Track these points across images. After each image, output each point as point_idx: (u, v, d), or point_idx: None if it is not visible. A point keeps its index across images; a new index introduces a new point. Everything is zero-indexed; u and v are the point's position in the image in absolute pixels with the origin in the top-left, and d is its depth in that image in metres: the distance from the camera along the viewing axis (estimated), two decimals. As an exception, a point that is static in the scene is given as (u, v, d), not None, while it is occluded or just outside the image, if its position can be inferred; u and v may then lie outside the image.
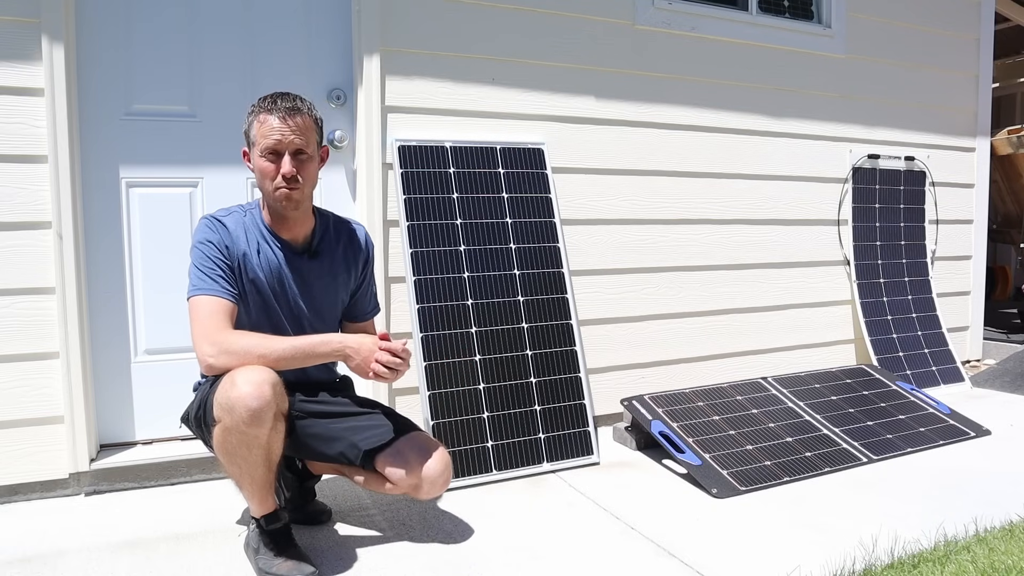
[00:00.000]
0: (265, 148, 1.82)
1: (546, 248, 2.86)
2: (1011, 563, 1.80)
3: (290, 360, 1.76)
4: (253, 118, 1.85)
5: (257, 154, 1.84)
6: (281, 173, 1.81)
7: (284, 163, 1.81)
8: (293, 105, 1.83)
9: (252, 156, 1.88)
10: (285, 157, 1.82)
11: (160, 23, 2.51)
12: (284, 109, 1.82)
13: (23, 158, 2.27)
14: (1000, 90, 6.27)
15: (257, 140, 1.83)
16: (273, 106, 1.82)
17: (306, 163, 1.86)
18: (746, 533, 2.09)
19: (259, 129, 1.83)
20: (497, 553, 1.96)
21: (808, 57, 3.60)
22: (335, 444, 1.92)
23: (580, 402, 2.76)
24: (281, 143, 1.81)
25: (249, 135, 1.87)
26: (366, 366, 1.78)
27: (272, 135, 1.81)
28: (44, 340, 2.32)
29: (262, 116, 1.83)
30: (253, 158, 1.87)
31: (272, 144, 1.81)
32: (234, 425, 1.67)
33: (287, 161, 1.82)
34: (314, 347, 1.78)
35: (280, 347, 1.75)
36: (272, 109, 1.82)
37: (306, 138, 1.84)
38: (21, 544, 2.02)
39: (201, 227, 1.87)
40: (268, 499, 1.81)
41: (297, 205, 1.86)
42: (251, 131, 1.86)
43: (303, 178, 1.85)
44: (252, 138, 1.86)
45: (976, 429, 3.00)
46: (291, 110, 1.82)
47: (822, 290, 3.74)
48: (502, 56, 2.91)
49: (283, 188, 1.83)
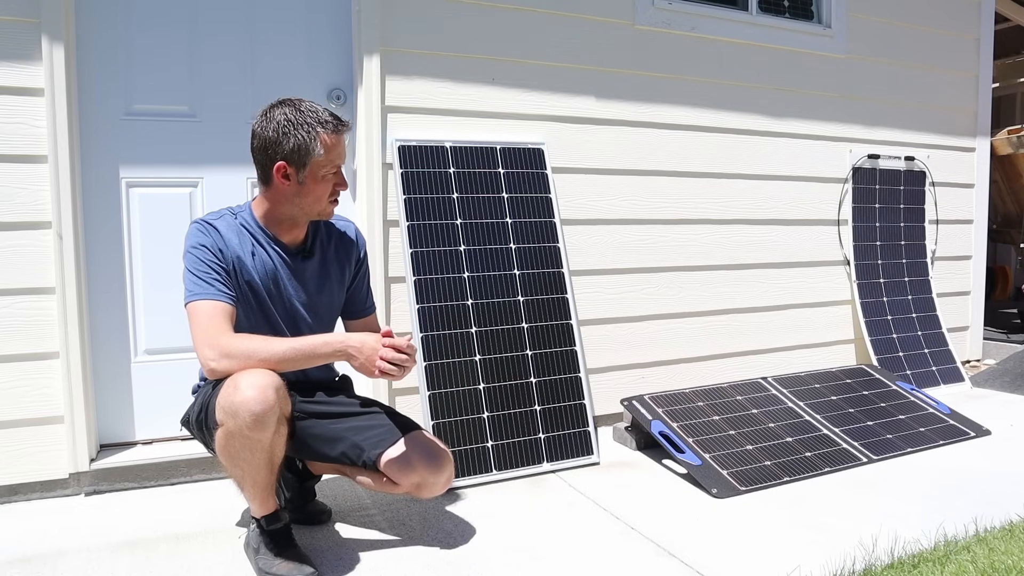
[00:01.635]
0: (332, 168, 1.85)
1: (546, 248, 2.86)
2: (1011, 563, 1.80)
3: (292, 362, 1.75)
4: (314, 136, 1.80)
5: (318, 173, 1.83)
6: (341, 191, 1.89)
7: (344, 180, 1.88)
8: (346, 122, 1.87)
9: (304, 175, 1.82)
10: (341, 172, 1.88)
11: (160, 23, 2.51)
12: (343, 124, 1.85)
13: (23, 158, 2.27)
14: (1000, 90, 6.27)
15: (323, 161, 1.82)
16: (339, 125, 1.84)
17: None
18: (746, 533, 2.09)
19: (326, 152, 1.81)
20: (497, 553, 1.97)
21: (808, 57, 3.60)
22: (337, 445, 1.92)
23: (580, 402, 2.76)
24: (343, 163, 1.88)
25: (309, 154, 1.80)
26: (370, 365, 1.76)
27: (340, 158, 1.86)
28: (44, 340, 2.32)
29: (329, 137, 1.81)
30: (306, 176, 1.83)
31: (339, 166, 1.86)
32: (237, 429, 1.67)
33: (342, 176, 1.89)
34: (315, 348, 1.77)
35: (281, 349, 1.74)
36: (338, 129, 1.83)
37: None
38: (21, 544, 2.02)
39: (192, 231, 1.86)
40: (269, 500, 1.81)
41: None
42: (312, 149, 1.80)
43: None
44: (313, 157, 1.80)
45: (976, 429, 3.00)
46: (346, 124, 1.86)
47: (822, 290, 3.74)
48: (502, 56, 2.91)
49: (334, 204, 1.91)
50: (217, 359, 1.72)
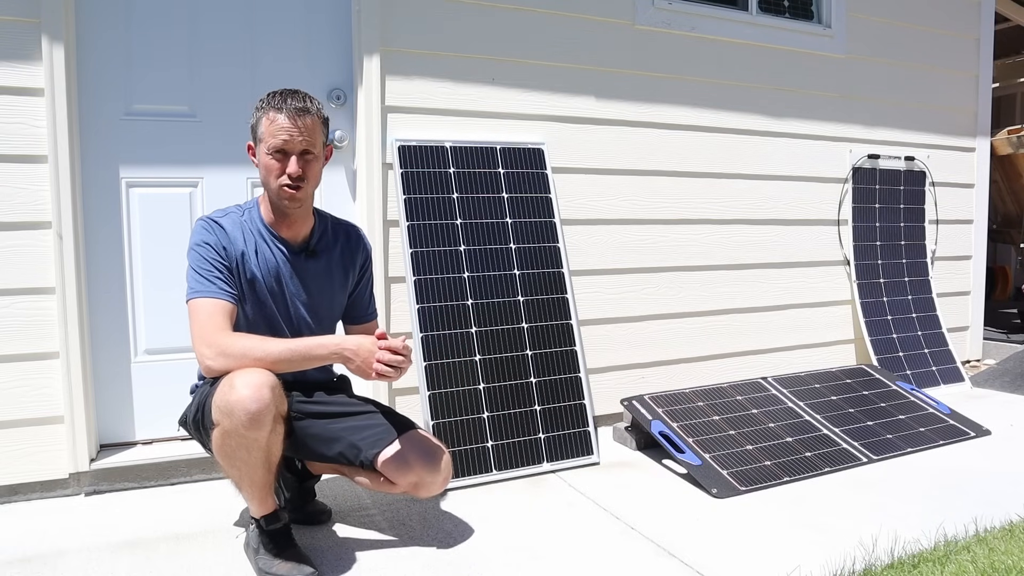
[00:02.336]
0: (272, 147, 1.82)
1: (546, 248, 2.86)
2: (1011, 563, 1.80)
3: (288, 363, 1.75)
4: (262, 114, 1.84)
5: (264, 151, 1.84)
6: (287, 173, 1.82)
7: (291, 163, 1.82)
8: (303, 105, 1.83)
9: (258, 152, 1.87)
10: (292, 157, 1.82)
11: (160, 23, 2.51)
12: (294, 109, 1.81)
13: (23, 158, 2.27)
14: (1000, 90, 6.27)
15: (265, 138, 1.83)
16: (283, 104, 1.82)
17: (311, 163, 1.87)
18: (746, 533, 2.09)
19: (268, 127, 1.82)
20: (497, 553, 1.96)
21: (808, 57, 3.60)
22: (334, 444, 1.92)
23: (580, 402, 2.76)
24: (289, 143, 1.82)
25: (256, 131, 1.86)
26: (367, 367, 1.76)
27: (280, 135, 1.81)
28: (44, 340, 2.32)
29: (271, 114, 1.82)
30: (259, 154, 1.86)
31: (280, 144, 1.81)
32: (233, 428, 1.67)
33: (293, 161, 1.82)
34: (311, 349, 1.77)
35: (278, 350, 1.74)
36: (282, 107, 1.81)
37: (313, 139, 1.85)
38: (21, 544, 2.02)
39: (198, 229, 1.87)
40: (268, 500, 1.81)
41: (300, 204, 1.88)
42: (259, 127, 1.85)
43: (307, 178, 1.86)
44: (259, 134, 1.85)
45: (976, 429, 3.00)
46: (300, 110, 1.82)
47: (822, 290, 3.74)
48: (502, 56, 2.91)
49: (288, 187, 1.83)
50: (214, 357, 1.73)
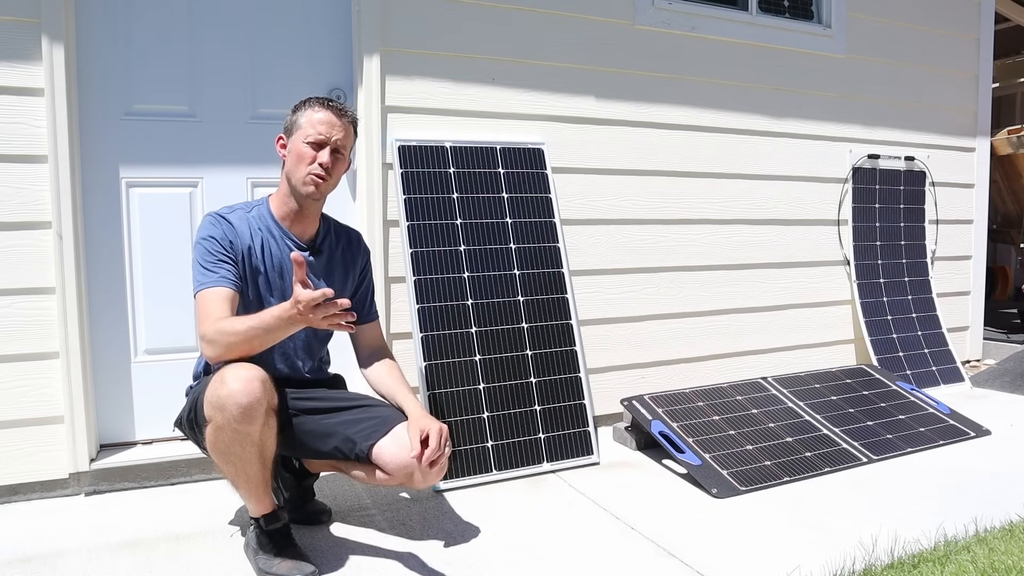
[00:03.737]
0: (310, 136, 1.91)
1: (546, 248, 2.86)
2: (1011, 563, 1.80)
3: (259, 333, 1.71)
4: (306, 108, 1.95)
5: (300, 139, 1.92)
6: (319, 162, 1.90)
7: (323, 154, 1.91)
8: (344, 108, 1.97)
9: (292, 141, 1.94)
10: (325, 149, 1.91)
11: (160, 23, 2.51)
12: (336, 108, 1.95)
13: (23, 158, 2.27)
14: (1000, 90, 6.27)
15: (304, 127, 1.92)
16: (329, 102, 1.95)
17: (339, 162, 1.95)
18: (746, 533, 2.09)
19: (310, 118, 1.92)
20: (497, 553, 1.96)
21: (808, 57, 3.60)
22: (330, 439, 1.92)
23: (580, 402, 2.76)
24: (326, 135, 1.91)
25: (296, 122, 1.94)
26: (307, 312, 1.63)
27: (320, 127, 1.91)
28: (44, 340, 2.32)
29: (315, 107, 1.94)
30: (293, 142, 1.94)
31: (318, 135, 1.91)
32: (226, 423, 1.68)
33: (326, 152, 1.91)
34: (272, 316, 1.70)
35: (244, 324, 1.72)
36: (327, 105, 1.94)
37: (346, 140, 1.96)
38: (21, 544, 2.02)
39: (205, 223, 1.91)
40: (265, 498, 1.82)
41: (319, 197, 1.95)
42: (299, 118, 1.94)
43: (332, 173, 1.94)
44: (299, 124, 1.93)
45: (976, 429, 3.00)
46: (342, 111, 1.96)
47: (822, 290, 3.74)
48: (502, 56, 2.91)
49: (314, 176, 1.91)
50: (205, 346, 1.78)
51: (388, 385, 2.05)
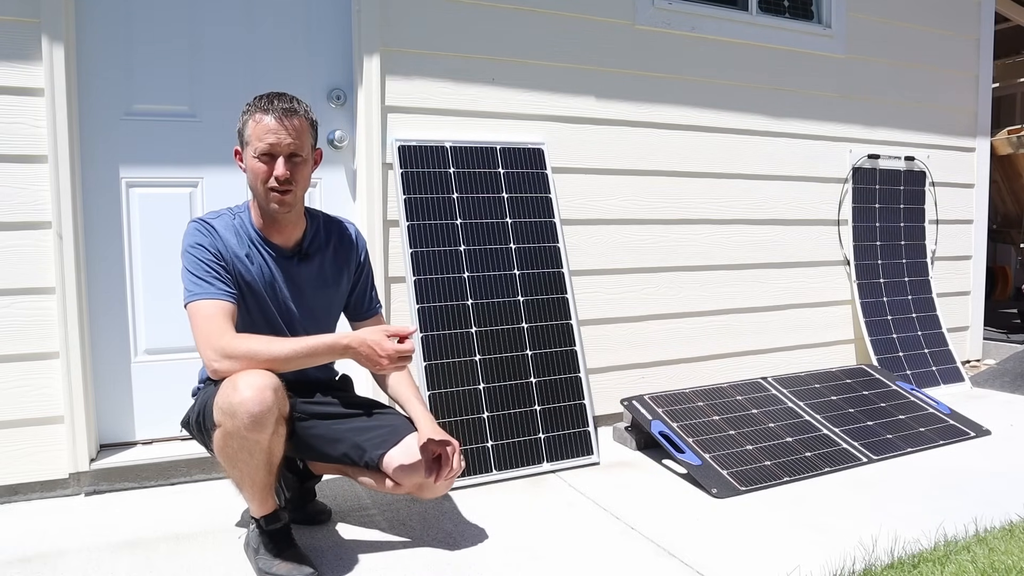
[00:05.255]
0: (259, 150, 1.79)
1: (546, 248, 2.86)
2: (1011, 563, 1.80)
3: (294, 361, 1.74)
4: (248, 117, 1.82)
5: (251, 154, 1.81)
6: (274, 175, 1.79)
7: (278, 166, 1.79)
8: (290, 107, 1.81)
9: (245, 156, 1.85)
10: (279, 160, 1.80)
11: (160, 23, 2.51)
12: (281, 110, 1.79)
13: (23, 158, 2.27)
14: (1000, 90, 6.27)
15: (251, 140, 1.81)
16: (270, 106, 1.80)
17: (299, 166, 1.84)
18: (746, 533, 2.09)
19: (254, 130, 1.80)
20: (497, 553, 1.97)
21: (808, 57, 3.60)
22: (338, 445, 1.92)
23: (580, 402, 2.76)
24: (276, 146, 1.79)
25: (243, 134, 1.84)
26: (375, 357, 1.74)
27: (267, 137, 1.78)
28: (44, 340, 2.32)
29: (257, 116, 1.80)
30: (246, 158, 1.84)
31: (267, 147, 1.79)
32: (235, 430, 1.66)
33: (281, 164, 1.79)
34: (316, 347, 1.75)
35: (283, 350, 1.72)
36: (268, 109, 1.79)
37: (301, 141, 1.82)
38: (21, 544, 2.02)
39: (191, 231, 1.85)
40: (268, 500, 1.81)
41: (289, 208, 1.85)
42: (245, 130, 1.83)
43: (296, 181, 1.82)
44: (246, 137, 1.82)
45: (976, 429, 3.00)
46: (288, 111, 1.80)
47: (822, 290, 3.74)
48: (502, 56, 2.91)
49: (275, 191, 1.81)
50: (219, 360, 1.71)
51: (398, 391, 2.02)
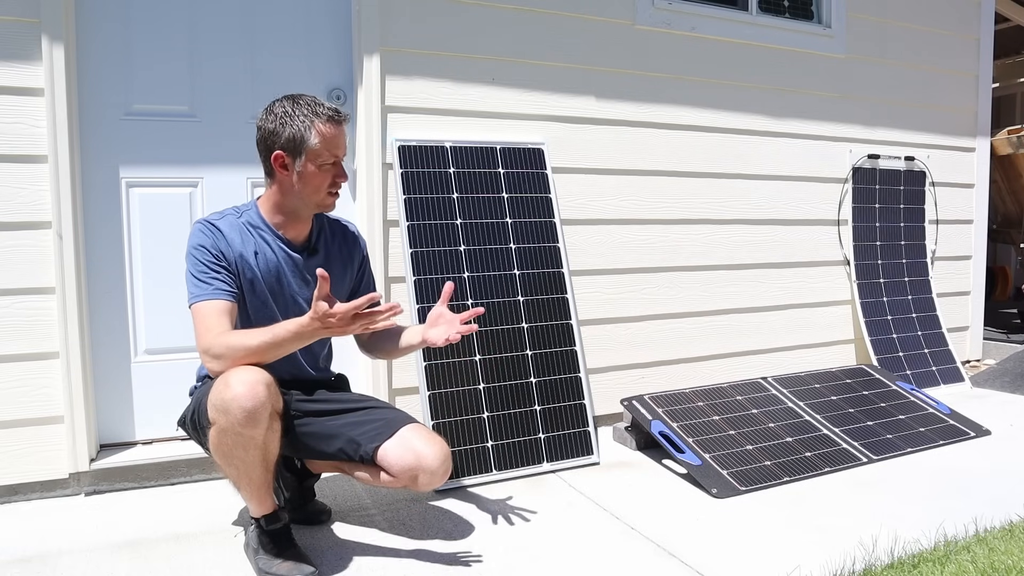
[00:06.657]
0: (328, 161, 1.85)
1: (546, 248, 2.86)
2: (1011, 563, 1.80)
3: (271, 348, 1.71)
4: (309, 125, 1.82)
5: (314, 163, 1.84)
6: (337, 180, 1.88)
7: (340, 171, 1.88)
8: (344, 111, 1.89)
9: (300, 163, 1.84)
10: (340, 165, 1.89)
11: (160, 23, 2.51)
12: (342, 117, 1.87)
13: (23, 158, 2.27)
14: (1000, 90, 6.27)
15: (319, 149, 1.82)
16: (335, 116, 1.86)
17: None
18: (746, 533, 2.09)
19: (322, 141, 1.82)
20: (497, 553, 1.97)
21: (808, 57, 3.60)
22: (334, 441, 1.92)
23: (580, 402, 2.76)
24: (342, 153, 1.88)
25: (304, 143, 1.82)
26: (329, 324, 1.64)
27: (337, 150, 1.86)
28: (44, 340, 2.32)
29: (325, 127, 1.83)
30: (303, 165, 1.84)
31: (336, 157, 1.87)
32: (229, 426, 1.67)
33: (342, 169, 1.89)
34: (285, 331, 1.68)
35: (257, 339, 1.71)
36: (334, 119, 1.85)
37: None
38: (21, 544, 2.02)
39: (195, 232, 1.87)
40: (267, 499, 1.81)
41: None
42: (307, 139, 1.82)
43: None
44: (308, 145, 1.82)
45: (976, 429, 3.00)
46: (343, 117, 1.88)
47: (822, 290, 3.74)
48: (502, 56, 2.91)
49: (334, 196, 1.91)
50: (210, 360, 1.74)
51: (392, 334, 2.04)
